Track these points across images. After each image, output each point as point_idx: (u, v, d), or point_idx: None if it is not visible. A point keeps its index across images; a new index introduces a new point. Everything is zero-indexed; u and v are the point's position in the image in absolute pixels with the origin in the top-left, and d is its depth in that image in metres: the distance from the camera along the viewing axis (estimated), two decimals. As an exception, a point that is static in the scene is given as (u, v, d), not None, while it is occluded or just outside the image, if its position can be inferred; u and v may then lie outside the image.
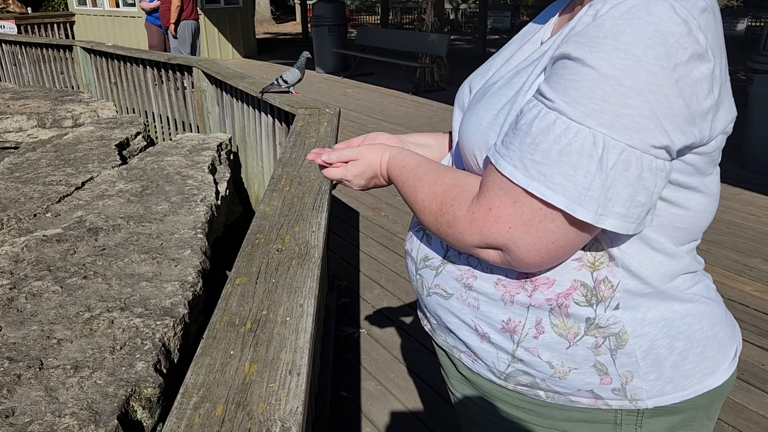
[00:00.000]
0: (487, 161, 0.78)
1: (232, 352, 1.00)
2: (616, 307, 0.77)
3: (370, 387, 2.40)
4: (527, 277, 0.79)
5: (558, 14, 0.92)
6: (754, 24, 14.66)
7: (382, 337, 2.72)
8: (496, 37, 15.65)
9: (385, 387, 2.39)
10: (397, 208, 4.21)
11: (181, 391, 0.90)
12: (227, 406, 0.87)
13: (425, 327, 1.01)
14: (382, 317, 2.89)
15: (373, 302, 3.03)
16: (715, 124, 0.72)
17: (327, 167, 1.00)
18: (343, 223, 3.99)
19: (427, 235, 0.94)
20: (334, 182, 1.08)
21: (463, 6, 19.43)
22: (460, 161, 0.93)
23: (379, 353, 2.61)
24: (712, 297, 0.85)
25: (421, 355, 2.57)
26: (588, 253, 0.77)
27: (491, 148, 0.75)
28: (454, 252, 0.88)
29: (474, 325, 0.85)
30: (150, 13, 8.03)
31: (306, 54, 3.33)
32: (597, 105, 0.65)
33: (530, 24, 0.99)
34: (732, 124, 0.77)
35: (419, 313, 1.03)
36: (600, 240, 0.76)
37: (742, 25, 14.46)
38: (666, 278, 0.79)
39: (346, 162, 0.98)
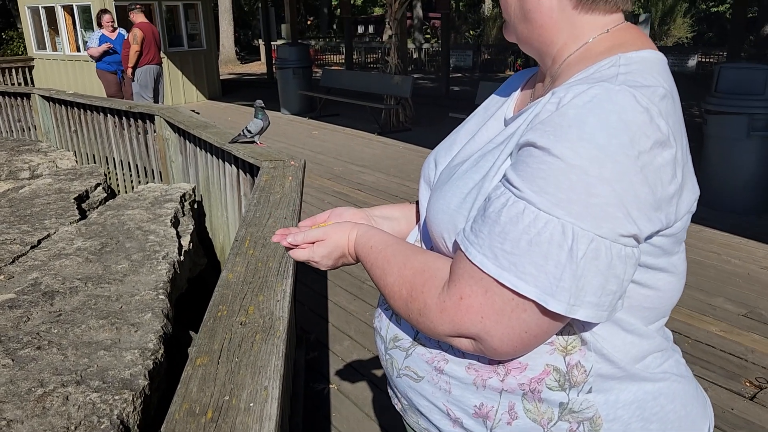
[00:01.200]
0: (456, 246, 0.77)
1: (191, 449, 0.94)
2: (589, 391, 0.76)
3: (342, 448, 2.32)
4: (500, 362, 0.78)
5: (520, 89, 0.93)
6: (704, 60, 15.29)
7: (352, 393, 2.66)
8: (459, 75, 15.98)
9: (357, 447, 2.32)
10: (365, 254, 4.17)
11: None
12: None
13: (396, 406, 0.99)
14: (353, 371, 2.83)
15: (343, 355, 2.97)
16: (680, 206, 0.72)
17: (293, 248, 0.98)
18: (310, 271, 3.93)
19: (396, 314, 0.91)
20: None
21: (425, 45, 19.83)
22: (428, 237, 0.92)
23: (350, 411, 2.54)
24: (682, 373, 0.85)
25: (393, 412, 2.51)
26: (560, 337, 0.76)
27: (460, 233, 0.74)
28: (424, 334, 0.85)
29: (446, 409, 0.83)
30: (100, 59, 7.86)
31: (259, 102, 3.29)
32: (564, 194, 0.65)
33: (492, 97, 1.00)
34: (695, 203, 0.77)
35: (389, 391, 1.01)
36: (572, 324, 0.76)
37: (692, 62, 15.09)
38: (637, 359, 0.79)
39: (312, 243, 0.96)
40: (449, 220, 0.80)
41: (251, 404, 1.05)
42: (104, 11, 7.76)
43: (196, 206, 3.91)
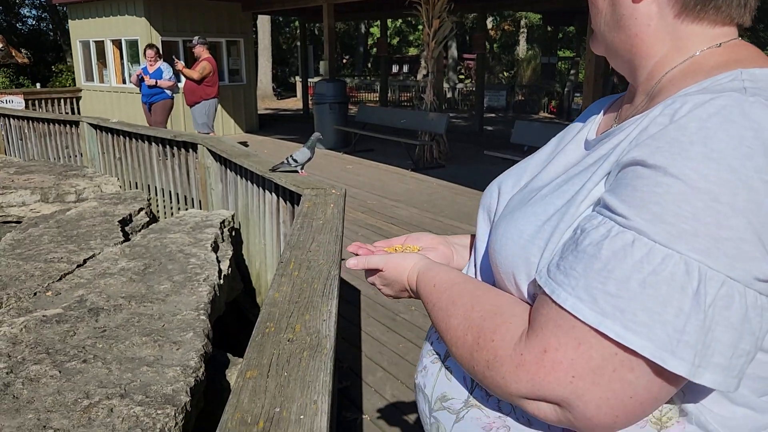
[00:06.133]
0: (533, 289, 0.67)
1: (245, 456, 0.95)
2: None
3: (374, 478, 2.29)
4: None
5: (602, 113, 0.82)
6: None
7: (385, 425, 2.63)
8: (493, 115, 16.08)
9: (390, 478, 2.29)
10: (398, 286, 4.18)
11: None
12: None
13: None
14: (386, 402, 2.81)
15: (376, 386, 2.95)
16: None
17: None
18: (343, 302, 3.95)
19: (447, 367, 0.81)
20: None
21: (459, 85, 20.06)
22: (487, 275, 0.82)
23: (383, 441, 2.51)
24: None
25: (427, 443, 2.48)
26: None
27: (543, 275, 0.62)
28: (481, 392, 0.74)
29: None
30: (150, 92, 8.11)
31: (317, 135, 3.41)
32: (688, 225, 0.53)
33: (569, 126, 0.89)
34: None
35: None
36: None
37: None
38: None
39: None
40: (520, 252, 0.68)
41: (301, 416, 1.06)
42: (150, 46, 8.08)
43: (234, 234, 3.98)
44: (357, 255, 0.96)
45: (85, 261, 2.99)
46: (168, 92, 7.96)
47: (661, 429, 0.63)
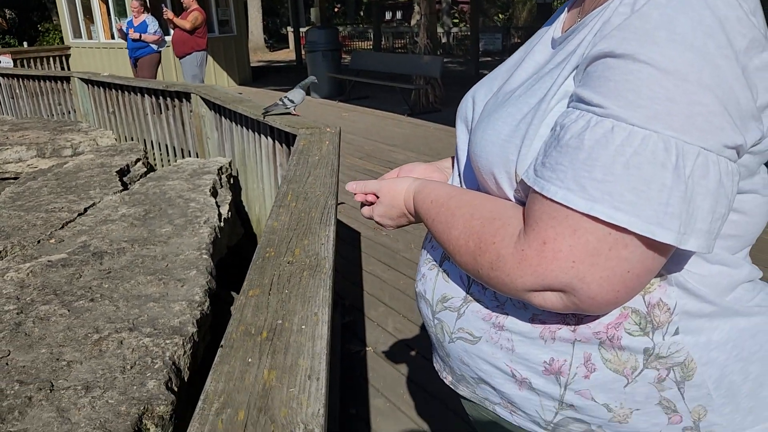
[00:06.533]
0: (516, 185, 0.69)
1: (250, 360, 1.00)
2: (676, 332, 0.67)
3: (379, 404, 2.38)
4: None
5: (566, 10, 0.82)
6: None
7: (388, 355, 2.71)
8: (488, 59, 15.84)
9: (394, 404, 2.38)
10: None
11: (201, 397, 0.90)
12: (249, 411, 0.87)
13: (445, 379, 0.91)
14: (388, 335, 2.89)
15: (378, 320, 3.02)
16: None
17: (365, 203, 0.97)
18: (344, 243, 4.00)
19: (443, 270, 0.84)
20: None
21: (454, 29, 19.69)
22: (471, 182, 0.84)
23: (387, 370, 2.60)
24: None
25: (430, 372, 2.56)
26: None
27: (530, 176, 0.64)
28: (478, 287, 0.78)
29: (510, 370, 0.74)
30: (135, 45, 7.92)
31: (312, 78, 3.39)
32: (662, 105, 0.56)
33: (539, 30, 0.89)
34: None
35: (436, 364, 0.94)
36: None
37: None
38: (726, 290, 0.70)
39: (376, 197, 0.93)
40: (499, 152, 0.70)
41: (303, 326, 1.10)
42: None
43: (232, 181, 4.00)
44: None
45: (85, 209, 3.01)
46: (153, 47, 7.80)
47: (645, 294, 0.67)
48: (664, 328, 0.67)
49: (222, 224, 2.89)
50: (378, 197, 0.93)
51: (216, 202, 3.15)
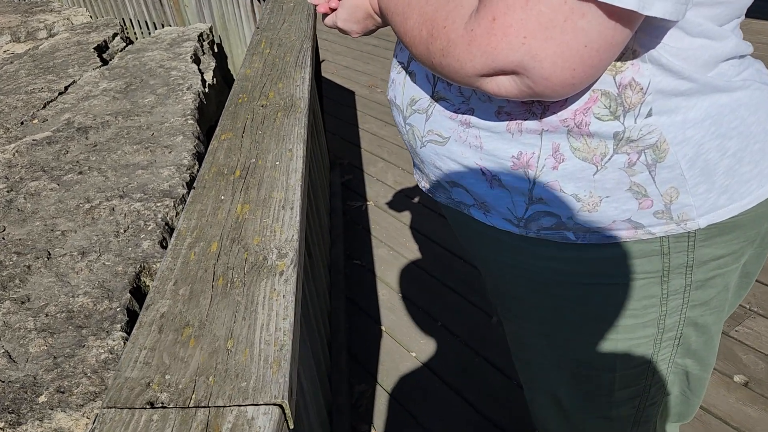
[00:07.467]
0: None
1: (222, 197, 0.97)
2: (649, 114, 0.62)
3: (382, 253, 2.42)
4: (535, 100, 0.63)
5: None
6: None
7: (389, 207, 2.72)
8: None
9: (397, 251, 2.41)
10: (393, 83, 4.09)
11: (174, 235, 0.88)
12: (222, 242, 0.85)
13: (423, 187, 0.88)
14: (388, 188, 2.88)
15: (378, 175, 3.00)
16: None
17: (327, 13, 0.88)
18: (339, 104, 3.89)
19: (410, 72, 0.79)
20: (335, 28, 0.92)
21: None
22: None
23: (388, 221, 2.61)
24: (766, 81, 0.69)
25: (430, 218, 2.57)
26: None
27: None
28: (443, 84, 0.73)
29: (479, 168, 0.71)
30: None
31: None
32: None
33: None
34: None
35: (415, 173, 0.91)
36: None
37: None
38: (708, 65, 0.63)
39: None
40: None
41: (277, 162, 1.06)
42: None
43: (216, 49, 3.83)
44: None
45: (66, 88, 2.92)
46: None
47: (616, 74, 0.60)
48: (636, 109, 0.61)
49: (207, 90, 2.79)
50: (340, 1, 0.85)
51: (199, 69, 3.03)
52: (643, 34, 0.58)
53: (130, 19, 5.21)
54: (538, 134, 0.65)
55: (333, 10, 0.88)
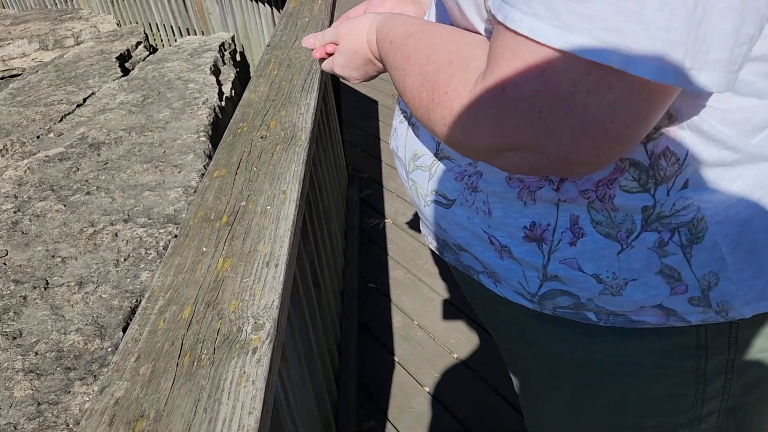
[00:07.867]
0: (485, 16, 0.53)
1: (204, 249, 0.89)
2: (685, 186, 0.52)
3: (399, 275, 2.33)
4: None
5: None
6: None
7: (408, 226, 2.63)
8: None
9: (414, 274, 2.32)
10: (417, 93, 3.99)
11: (146, 295, 0.80)
12: (196, 307, 0.77)
13: (430, 245, 0.79)
14: (407, 205, 2.78)
15: (397, 191, 2.91)
16: None
17: (325, 58, 0.79)
18: (361, 114, 3.81)
19: (413, 124, 0.70)
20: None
21: None
22: (442, 14, 0.66)
23: (406, 241, 2.52)
24: None
25: (450, 239, 2.47)
26: None
27: (495, 0, 0.46)
28: None
29: (487, 237, 0.63)
30: None
31: None
32: None
33: None
34: None
35: (422, 228, 0.80)
36: None
37: None
38: (756, 130, 0.52)
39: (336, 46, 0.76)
40: None
41: (268, 207, 0.98)
42: None
43: (238, 57, 3.78)
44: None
45: (84, 100, 2.90)
46: None
47: (648, 142, 0.50)
48: (670, 182, 0.52)
49: (223, 104, 2.74)
50: (337, 45, 0.76)
51: (218, 81, 2.98)
52: (682, 96, 0.48)
53: (156, 24, 5.22)
54: (554, 204, 0.56)
55: (330, 54, 0.79)
